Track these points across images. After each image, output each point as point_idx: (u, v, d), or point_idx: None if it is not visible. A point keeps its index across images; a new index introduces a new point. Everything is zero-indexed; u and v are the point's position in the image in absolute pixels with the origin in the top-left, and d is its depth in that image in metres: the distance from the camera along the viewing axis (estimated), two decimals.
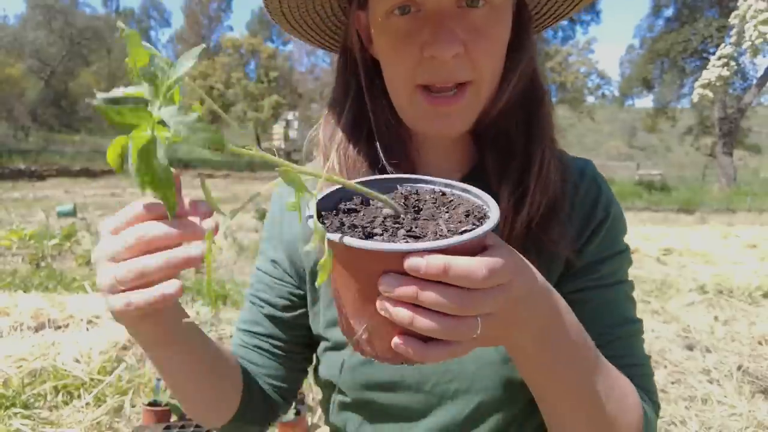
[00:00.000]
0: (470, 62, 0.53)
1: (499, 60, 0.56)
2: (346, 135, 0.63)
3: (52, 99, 32.69)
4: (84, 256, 5.02)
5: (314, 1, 0.61)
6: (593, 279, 0.61)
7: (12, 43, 31.89)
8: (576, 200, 0.62)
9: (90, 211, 9.77)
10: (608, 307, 0.61)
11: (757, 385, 2.50)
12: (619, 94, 24.38)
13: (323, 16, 0.65)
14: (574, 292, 0.61)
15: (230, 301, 3.73)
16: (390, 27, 0.54)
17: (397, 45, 0.54)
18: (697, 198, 11.23)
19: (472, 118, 0.58)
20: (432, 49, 0.52)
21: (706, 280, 4.33)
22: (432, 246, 0.33)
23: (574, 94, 19.47)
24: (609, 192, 0.65)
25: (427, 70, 0.54)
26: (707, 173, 17.59)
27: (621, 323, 0.61)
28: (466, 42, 0.52)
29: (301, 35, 0.68)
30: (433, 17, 0.52)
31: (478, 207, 0.41)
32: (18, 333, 2.83)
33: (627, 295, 0.64)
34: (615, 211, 0.64)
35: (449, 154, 0.66)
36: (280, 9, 0.61)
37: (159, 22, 79.62)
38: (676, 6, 17.71)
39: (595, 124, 28.12)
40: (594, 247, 0.62)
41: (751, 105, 13.49)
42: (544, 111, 0.61)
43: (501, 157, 0.61)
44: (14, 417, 2.08)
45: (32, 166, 20.05)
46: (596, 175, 0.65)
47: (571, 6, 0.64)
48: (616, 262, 0.63)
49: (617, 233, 0.64)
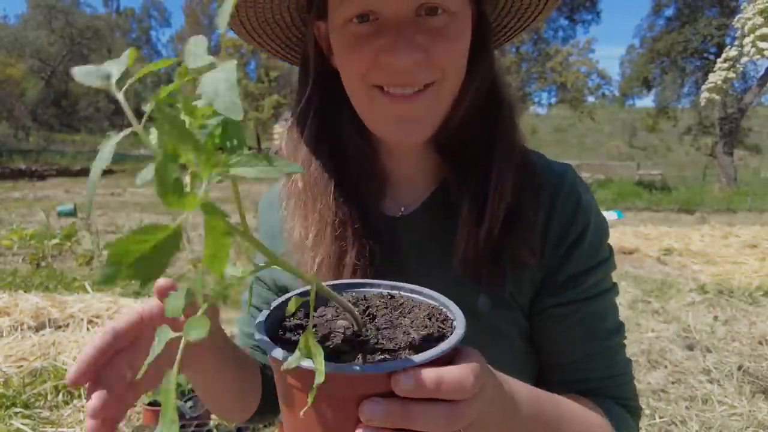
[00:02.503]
0: (432, 65, 0.53)
1: (460, 62, 0.56)
2: (309, 150, 0.62)
3: (53, 99, 32.71)
4: (84, 255, 5.02)
5: (272, 10, 0.60)
6: (576, 293, 0.60)
7: (13, 43, 31.91)
8: (554, 212, 0.60)
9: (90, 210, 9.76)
10: (591, 321, 0.60)
11: (757, 385, 2.50)
12: (620, 94, 24.34)
13: (283, 27, 0.64)
14: (557, 306, 0.60)
15: (230, 300, 3.73)
16: (347, 33, 0.54)
17: (352, 46, 0.54)
18: (698, 198, 11.22)
19: (435, 121, 0.57)
20: (389, 56, 0.52)
21: (707, 280, 4.33)
22: (421, 360, 0.30)
23: (575, 94, 19.44)
24: (589, 199, 0.63)
25: (383, 72, 0.53)
26: (707, 173, 17.57)
27: (604, 336, 0.61)
28: (426, 45, 0.52)
29: (262, 46, 0.66)
30: (392, 25, 0.52)
31: (435, 308, 0.38)
32: (18, 333, 2.83)
33: (610, 304, 0.63)
34: (595, 220, 0.62)
35: (418, 166, 0.65)
36: (237, 17, 0.59)
37: (159, 22, 79.60)
38: (676, 5, 17.69)
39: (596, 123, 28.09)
40: (575, 259, 0.60)
41: (751, 105, 13.49)
42: (504, 122, 0.60)
43: (461, 169, 0.61)
44: (15, 416, 2.09)
45: (33, 166, 20.05)
46: (575, 182, 0.63)
47: (530, 19, 0.64)
48: (599, 273, 0.61)
49: (599, 242, 0.62)
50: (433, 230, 0.63)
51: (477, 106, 0.60)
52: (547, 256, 0.60)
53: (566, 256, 0.60)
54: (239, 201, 0.29)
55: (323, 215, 0.60)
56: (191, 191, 0.21)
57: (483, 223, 0.57)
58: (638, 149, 38.28)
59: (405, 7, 0.52)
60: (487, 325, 0.59)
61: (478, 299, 0.59)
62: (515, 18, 0.64)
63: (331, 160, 0.62)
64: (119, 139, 0.25)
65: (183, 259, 5.32)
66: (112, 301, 3.31)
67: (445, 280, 0.57)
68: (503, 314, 0.60)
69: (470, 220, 0.58)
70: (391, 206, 0.65)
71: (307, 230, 0.61)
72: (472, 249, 0.57)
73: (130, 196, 14.13)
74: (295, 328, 0.37)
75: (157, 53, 78.25)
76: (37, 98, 30.51)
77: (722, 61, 7.62)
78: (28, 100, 29.53)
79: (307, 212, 0.61)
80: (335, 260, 0.59)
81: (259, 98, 31.95)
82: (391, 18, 0.52)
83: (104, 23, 40.40)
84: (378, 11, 0.53)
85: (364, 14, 0.53)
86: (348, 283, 0.44)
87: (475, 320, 0.58)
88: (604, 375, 0.60)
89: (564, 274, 0.60)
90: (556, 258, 0.60)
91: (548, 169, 0.63)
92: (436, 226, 0.63)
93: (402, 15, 0.52)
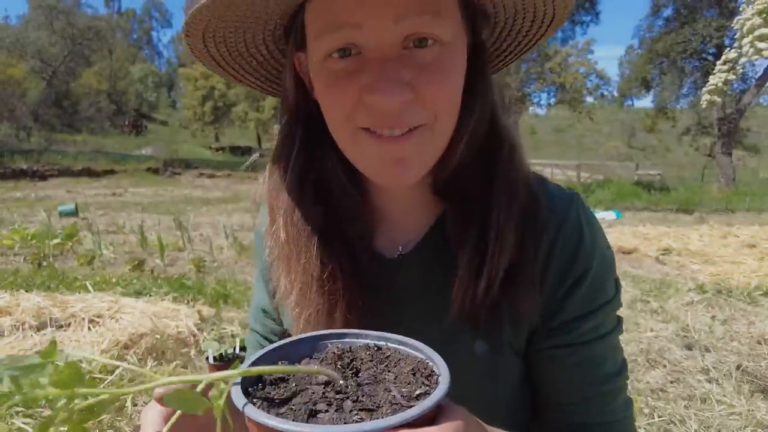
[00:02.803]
0: (422, 104, 0.47)
1: (454, 99, 0.50)
2: (291, 196, 0.57)
3: (54, 99, 32.72)
4: (86, 255, 5.03)
5: (246, 45, 0.55)
6: (572, 337, 0.56)
7: (14, 43, 31.93)
8: (553, 253, 0.56)
9: (91, 210, 9.78)
10: (588, 365, 0.57)
11: (756, 384, 2.51)
12: (618, 95, 24.36)
13: (260, 60, 0.58)
14: (552, 348, 0.57)
15: (231, 300, 3.74)
16: (328, 69, 0.49)
17: (334, 85, 0.49)
18: (696, 198, 11.22)
19: (427, 163, 0.52)
20: (373, 97, 0.46)
21: (705, 280, 4.33)
22: (400, 421, 0.29)
23: (574, 94, 19.43)
24: (593, 235, 0.58)
25: (368, 114, 0.48)
26: (706, 173, 17.58)
27: (602, 381, 0.57)
28: (414, 83, 0.47)
29: (240, 81, 0.61)
30: (376, 60, 0.46)
31: (421, 362, 0.37)
32: (20, 332, 2.84)
33: (611, 347, 0.59)
34: (598, 260, 0.57)
35: (413, 203, 0.60)
36: (208, 53, 0.53)
37: (160, 22, 79.65)
38: (674, 6, 17.68)
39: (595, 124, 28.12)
40: (574, 303, 0.56)
41: (750, 105, 13.50)
42: (503, 162, 0.55)
43: (460, 218, 0.56)
44: (16, 416, 2.10)
45: (34, 166, 20.06)
46: (579, 217, 0.57)
47: (531, 41, 0.59)
48: (600, 316, 0.57)
49: (602, 283, 0.57)
50: (430, 270, 0.59)
51: (475, 143, 0.54)
52: (544, 298, 0.57)
53: (563, 300, 0.56)
54: None
55: (307, 270, 0.56)
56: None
57: (481, 278, 0.53)
58: (637, 149, 38.26)
59: (390, 40, 0.46)
60: (484, 368, 0.58)
61: (474, 343, 0.57)
62: (515, 42, 0.59)
63: (317, 205, 0.57)
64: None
65: (183, 259, 5.33)
66: (114, 300, 3.33)
67: (442, 322, 0.56)
68: (501, 358, 0.58)
69: (469, 272, 0.54)
70: (387, 245, 0.61)
71: (291, 286, 0.57)
72: (469, 301, 0.54)
73: (131, 197, 14.13)
74: (275, 382, 0.36)
75: (158, 54, 78.23)
76: (39, 98, 30.52)
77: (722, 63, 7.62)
78: (30, 101, 29.53)
79: (290, 266, 0.57)
80: (324, 315, 0.56)
81: (260, 99, 31.96)
82: (374, 52, 0.46)
83: (105, 24, 40.40)
84: (360, 45, 0.47)
85: (345, 48, 0.47)
86: (334, 333, 0.42)
87: (472, 363, 0.57)
88: (601, 420, 0.57)
89: (559, 319, 0.57)
90: (554, 301, 0.57)
91: (552, 206, 0.57)
92: (434, 265, 0.59)
93: (387, 48, 0.46)
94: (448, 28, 0.48)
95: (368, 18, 0.45)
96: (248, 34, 0.53)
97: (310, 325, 0.57)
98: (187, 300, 3.63)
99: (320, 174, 0.57)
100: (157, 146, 30.24)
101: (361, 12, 0.45)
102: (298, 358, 0.39)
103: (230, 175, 22.39)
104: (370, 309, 0.57)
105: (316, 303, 0.56)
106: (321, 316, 0.56)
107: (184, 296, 3.70)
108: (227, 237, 5.97)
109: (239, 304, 3.66)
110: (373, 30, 0.46)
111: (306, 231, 0.56)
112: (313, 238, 0.56)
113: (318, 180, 0.57)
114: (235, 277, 4.53)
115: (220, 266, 5.02)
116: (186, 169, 23.03)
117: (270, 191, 0.59)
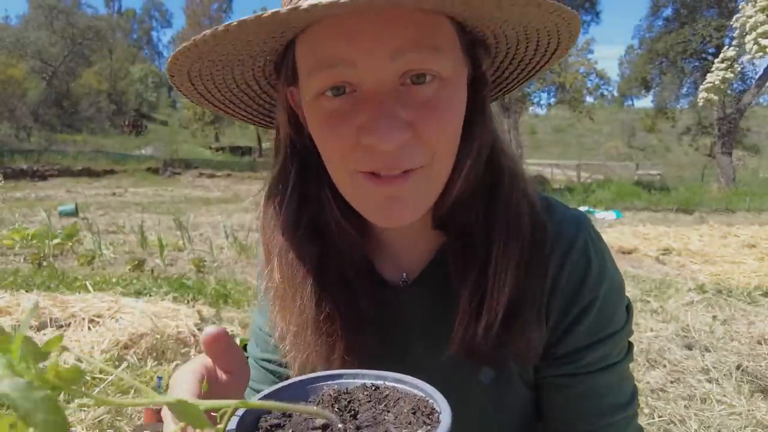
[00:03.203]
0: (421, 144, 0.45)
1: (454, 136, 0.48)
2: (286, 236, 0.55)
3: (54, 99, 32.72)
4: (86, 255, 5.03)
5: (235, 81, 0.52)
6: (575, 367, 0.55)
7: (14, 43, 31.93)
8: (558, 283, 0.54)
9: (92, 210, 9.78)
10: (595, 396, 0.55)
11: (756, 384, 2.51)
12: (619, 95, 24.40)
13: (252, 95, 0.56)
14: (556, 377, 0.56)
15: (231, 300, 3.74)
16: (322, 107, 0.46)
17: (329, 127, 0.46)
18: (696, 198, 11.23)
19: (425, 203, 0.50)
20: (370, 138, 0.44)
21: (705, 280, 4.34)
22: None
23: (574, 94, 19.43)
24: (602, 262, 0.56)
25: (366, 157, 0.46)
26: (706, 173, 17.58)
27: (610, 412, 0.55)
28: (413, 122, 0.44)
29: (232, 116, 0.58)
30: (373, 98, 0.44)
31: (421, 399, 0.36)
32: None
33: (620, 377, 0.57)
34: (606, 288, 0.55)
35: (415, 235, 0.58)
36: (195, 90, 0.51)
37: (161, 22, 79.66)
38: (674, 6, 17.69)
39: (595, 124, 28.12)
40: (580, 332, 0.54)
41: (750, 105, 13.50)
42: (504, 197, 0.53)
43: (460, 253, 0.54)
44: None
45: (34, 165, 20.08)
46: (587, 244, 0.55)
47: (535, 69, 0.56)
48: (608, 346, 0.55)
49: (610, 312, 0.56)
50: (433, 300, 0.58)
51: (475, 176, 0.52)
52: (550, 326, 0.55)
53: (569, 329, 0.55)
54: None
55: (303, 312, 0.54)
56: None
57: (482, 318, 0.52)
58: (637, 149, 38.28)
59: (386, 77, 0.44)
60: (491, 395, 0.56)
61: (479, 372, 0.56)
62: (518, 69, 0.56)
63: (312, 245, 0.54)
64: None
65: (183, 259, 5.34)
66: (114, 300, 3.33)
67: (445, 351, 0.54)
68: (507, 387, 0.57)
69: (469, 311, 0.52)
70: (390, 273, 0.60)
71: (287, 329, 0.56)
72: (469, 339, 0.52)
73: (131, 196, 14.13)
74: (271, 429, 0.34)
75: (158, 54, 78.22)
76: (39, 98, 30.53)
77: (720, 61, 7.61)
78: (30, 101, 29.55)
79: (286, 308, 0.55)
80: (323, 357, 0.54)
81: None
82: (370, 90, 0.44)
83: (105, 24, 40.41)
84: (356, 83, 0.44)
85: (338, 86, 0.45)
86: (329, 374, 0.40)
87: (478, 392, 0.56)
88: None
89: (564, 348, 0.55)
90: (559, 331, 0.55)
91: (559, 231, 0.55)
92: (436, 295, 0.58)
93: (384, 86, 0.44)
94: (447, 63, 0.45)
95: (363, 55, 0.42)
96: (236, 70, 0.50)
97: (306, 370, 0.55)
98: (187, 300, 3.63)
99: (316, 211, 0.55)
100: (157, 146, 30.24)
101: (354, 49, 0.42)
102: (293, 402, 0.38)
103: (230, 175, 22.39)
104: (370, 345, 0.55)
105: (312, 345, 0.54)
106: (319, 359, 0.54)
107: (184, 296, 3.70)
108: (227, 237, 5.97)
109: (239, 304, 3.66)
110: (368, 68, 0.43)
111: (301, 272, 0.54)
112: (309, 279, 0.54)
113: (314, 218, 0.55)
114: (235, 277, 4.53)
115: (220, 266, 5.02)
116: (186, 169, 23.03)
117: (264, 229, 0.57)
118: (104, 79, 37.95)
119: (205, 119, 33.28)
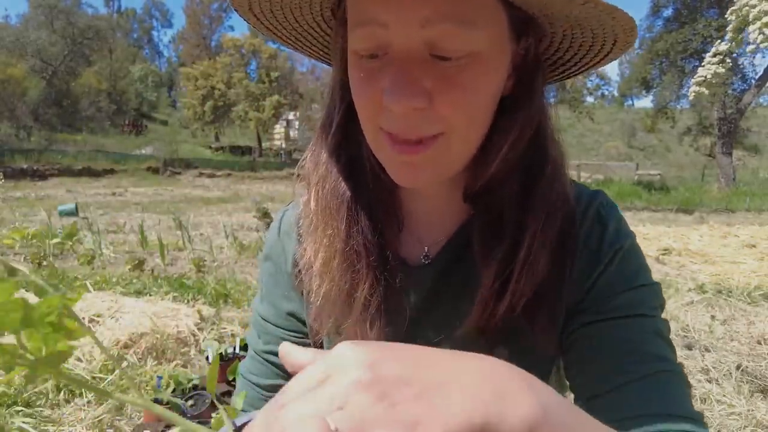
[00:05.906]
0: (436, 114, 0.45)
1: (476, 113, 0.47)
2: (325, 167, 0.56)
3: (54, 99, 32.69)
4: (86, 255, 5.03)
5: (296, 19, 0.54)
6: (604, 312, 0.52)
7: (14, 43, 31.89)
8: (579, 246, 0.54)
9: (92, 210, 9.78)
10: (627, 342, 0.50)
11: (755, 384, 2.51)
12: (619, 95, 24.41)
13: (314, 35, 0.57)
14: (581, 327, 0.53)
15: (231, 299, 3.74)
16: (358, 66, 0.48)
17: (360, 86, 0.48)
18: (696, 198, 11.24)
19: (442, 171, 0.50)
20: (387, 99, 0.44)
21: (705, 280, 4.33)
22: None
23: (574, 94, 19.46)
24: (618, 225, 0.55)
25: (389, 118, 0.47)
26: (706, 173, 17.60)
27: (648, 360, 0.49)
28: (432, 92, 0.44)
29: (297, 50, 0.60)
30: (398, 62, 0.44)
31: None
32: None
33: (656, 331, 0.52)
34: (629, 243, 0.54)
35: (442, 206, 0.58)
36: (262, 24, 0.53)
37: (161, 22, 79.67)
38: (674, 6, 17.69)
39: (595, 124, 28.13)
40: (603, 284, 0.53)
41: (750, 105, 13.50)
42: (544, 184, 0.52)
43: (488, 232, 0.53)
44: (16, 415, 2.10)
45: (34, 165, 20.07)
46: (600, 210, 0.56)
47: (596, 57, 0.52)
48: (636, 296, 0.52)
49: (635, 266, 0.54)
50: (453, 275, 0.58)
51: (514, 158, 0.51)
52: (572, 287, 0.54)
53: (591, 287, 0.54)
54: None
55: (333, 242, 0.55)
56: None
57: (503, 300, 0.51)
58: (637, 149, 38.28)
59: (414, 44, 0.43)
60: None
61: (494, 351, 0.53)
62: (578, 54, 0.53)
63: (348, 181, 0.55)
64: None
65: (183, 258, 5.34)
66: (114, 300, 3.33)
67: (459, 329, 0.54)
68: (525, 362, 0.53)
69: (491, 292, 0.51)
70: (411, 243, 0.60)
71: (315, 256, 0.57)
72: (487, 318, 0.52)
73: (131, 196, 14.13)
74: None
75: (158, 53, 78.23)
76: (39, 98, 30.51)
77: (711, 56, 7.51)
78: (30, 100, 29.53)
79: (317, 237, 0.57)
80: (345, 294, 0.55)
81: (260, 98, 31.97)
82: (398, 53, 0.44)
83: (106, 23, 40.38)
84: (387, 44, 0.45)
85: (374, 54, 0.46)
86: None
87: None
88: (656, 411, 0.46)
89: (589, 301, 0.54)
90: (583, 287, 0.54)
91: (578, 200, 0.56)
92: (457, 271, 0.57)
93: (411, 52, 0.44)
94: (482, 39, 0.43)
95: (394, 18, 0.43)
96: (296, 12, 0.53)
97: (329, 301, 0.55)
98: (187, 300, 3.63)
99: (356, 152, 0.56)
100: (157, 146, 30.20)
101: (386, 10, 0.43)
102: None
103: (230, 174, 22.40)
104: (390, 305, 0.56)
105: (337, 279, 0.55)
106: (341, 294, 0.55)
107: (184, 296, 3.70)
108: (227, 237, 5.97)
109: (239, 303, 3.66)
110: (397, 31, 0.43)
111: (335, 202, 0.55)
112: (342, 212, 0.55)
113: (353, 157, 0.56)
114: (235, 276, 4.53)
115: (220, 266, 5.03)
116: (186, 169, 23.03)
117: (310, 161, 0.59)
118: (104, 78, 37.94)
119: (205, 119, 33.28)
